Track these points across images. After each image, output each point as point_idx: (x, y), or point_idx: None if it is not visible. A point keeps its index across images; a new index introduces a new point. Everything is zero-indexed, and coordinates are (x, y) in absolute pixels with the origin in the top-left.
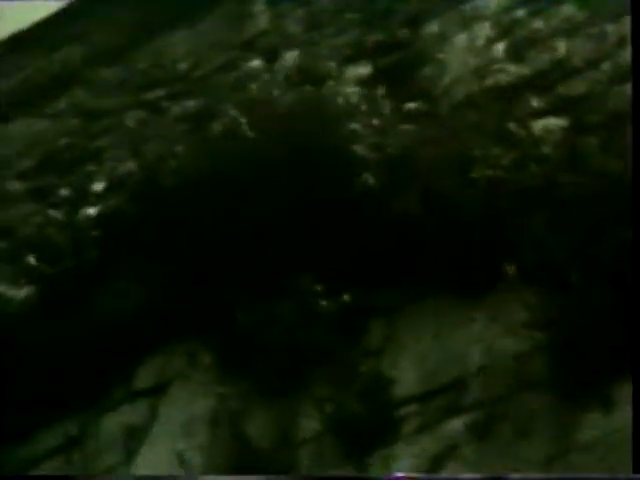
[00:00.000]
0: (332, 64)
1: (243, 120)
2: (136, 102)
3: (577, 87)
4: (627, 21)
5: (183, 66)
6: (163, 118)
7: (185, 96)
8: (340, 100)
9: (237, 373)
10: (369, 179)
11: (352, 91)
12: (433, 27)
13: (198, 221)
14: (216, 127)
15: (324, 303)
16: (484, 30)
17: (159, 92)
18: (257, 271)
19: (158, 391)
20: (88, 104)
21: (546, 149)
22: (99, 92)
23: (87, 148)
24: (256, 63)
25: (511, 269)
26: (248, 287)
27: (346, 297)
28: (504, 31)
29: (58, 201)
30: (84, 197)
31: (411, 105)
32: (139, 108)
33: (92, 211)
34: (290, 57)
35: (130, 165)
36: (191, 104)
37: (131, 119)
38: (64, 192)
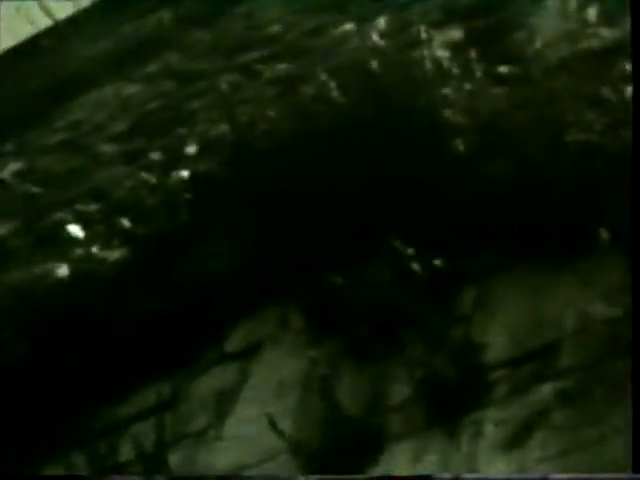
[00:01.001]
0: (423, 28)
1: (334, 84)
2: (229, 65)
3: None
4: None
5: (275, 29)
6: (255, 81)
7: (277, 59)
8: (431, 64)
9: (328, 336)
10: (460, 144)
11: (443, 55)
12: None
13: (289, 183)
14: (307, 90)
15: (416, 267)
16: None
17: (251, 55)
18: (349, 233)
19: (249, 354)
20: (180, 67)
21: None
22: (191, 55)
23: (179, 111)
24: (347, 27)
25: (604, 233)
26: (340, 249)
27: (437, 262)
28: None
29: (150, 164)
30: (176, 160)
31: (503, 69)
32: (232, 71)
33: (184, 174)
34: (381, 21)
35: (222, 128)
36: (283, 67)
37: (224, 82)
38: (156, 155)
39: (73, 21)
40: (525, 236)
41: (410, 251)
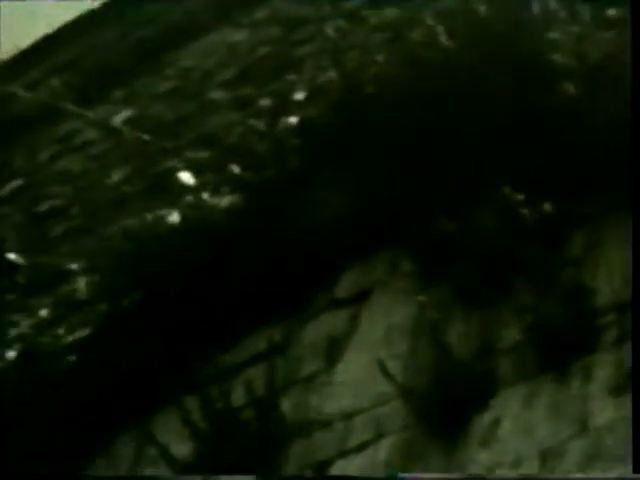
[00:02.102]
0: None
1: (441, 29)
2: (335, 11)
3: None
4: None
5: None
6: (362, 27)
7: (384, 5)
8: (538, 8)
9: (437, 281)
10: (570, 87)
11: None
12: None
13: (398, 129)
14: (415, 36)
15: (525, 212)
16: None
17: (358, 1)
18: (458, 178)
19: (359, 299)
20: (287, 13)
21: None
22: (298, 1)
23: (287, 57)
24: None
25: None
26: (449, 194)
27: (547, 206)
28: None
29: (259, 110)
30: (285, 106)
31: (611, 12)
32: (339, 17)
33: (293, 120)
34: None
35: (330, 74)
36: (390, 13)
37: (330, 28)
38: (265, 101)
39: None
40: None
41: (520, 196)
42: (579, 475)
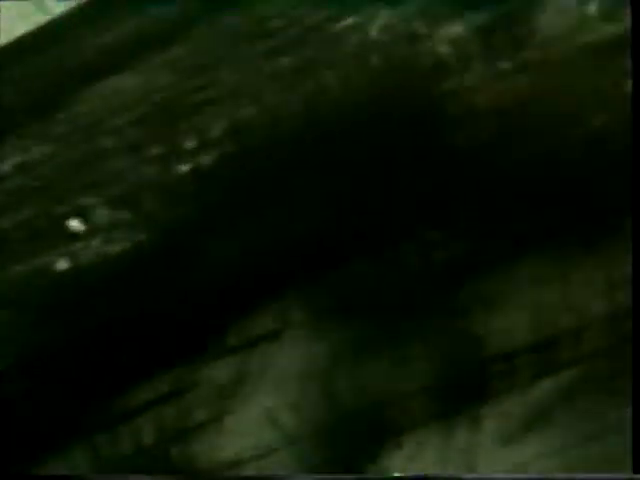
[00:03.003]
0: (424, 22)
1: (335, 79)
2: (231, 58)
3: None
4: None
5: (277, 24)
6: (257, 76)
7: (278, 54)
8: (432, 59)
9: (329, 329)
10: (461, 140)
11: (444, 50)
12: None
13: (290, 177)
14: (309, 85)
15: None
16: None
17: (253, 50)
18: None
19: (251, 347)
20: (183, 60)
21: None
22: (193, 48)
23: (181, 105)
24: (348, 22)
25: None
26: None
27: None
28: None
29: (152, 157)
30: (177, 154)
31: (504, 64)
32: (234, 65)
33: (185, 168)
34: (382, 16)
35: (222, 122)
36: (284, 62)
37: (226, 75)
38: (157, 149)
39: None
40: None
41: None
42: (579, 475)
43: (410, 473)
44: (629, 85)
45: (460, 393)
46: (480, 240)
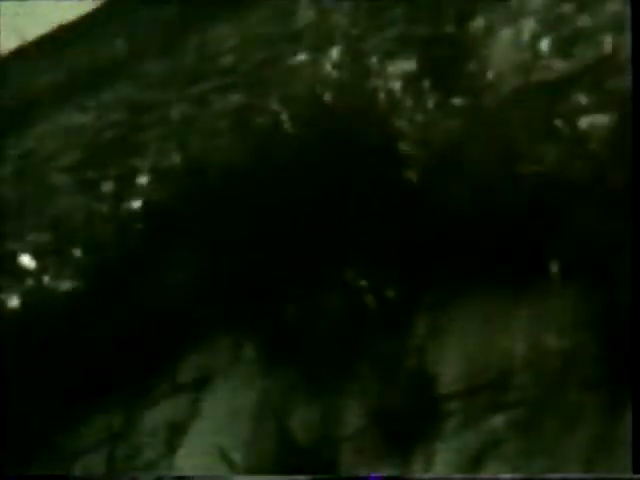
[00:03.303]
0: (377, 59)
1: (286, 115)
2: (181, 96)
3: (624, 83)
4: None
5: (228, 60)
6: (208, 112)
7: (230, 90)
8: (384, 96)
9: (281, 367)
10: (414, 175)
11: (396, 86)
12: (480, 22)
13: (242, 214)
14: (260, 121)
15: (369, 298)
16: (530, 25)
17: (204, 86)
18: (303, 264)
19: (201, 385)
20: (133, 97)
21: (592, 145)
22: (144, 85)
23: (132, 141)
24: (301, 58)
25: (557, 265)
26: (294, 280)
27: (390, 293)
28: (550, 26)
29: (103, 194)
30: (129, 190)
31: (456, 100)
32: (184, 101)
33: (136, 204)
34: (335, 52)
35: (174, 159)
36: (236, 98)
37: (176, 113)
38: (109, 185)
39: (25, 50)
40: (478, 267)
41: (363, 282)
42: (579, 475)
43: None
44: (582, 121)
45: (410, 429)
46: (415, 284)
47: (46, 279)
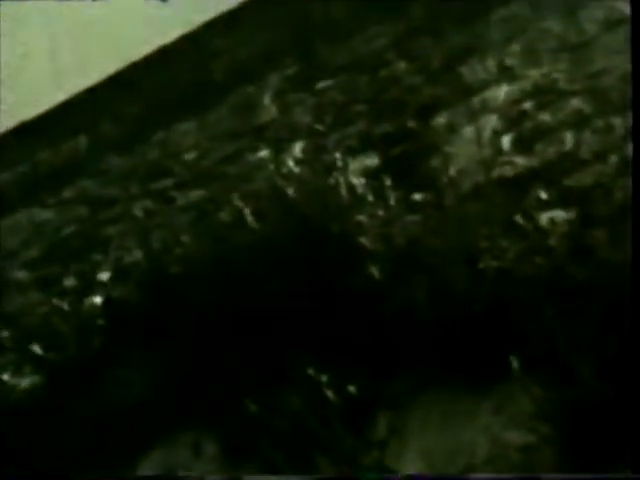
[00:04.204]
0: (339, 155)
1: (248, 210)
2: (143, 191)
3: (584, 179)
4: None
5: (190, 156)
6: (170, 207)
7: (192, 186)
8: (346, 191)
9: (242, 462)
10: (374, 270)
11: (358, 182)
12: (441, 119)
13: (204, 309)
14: (222, 217)
15: (329, 393)
16: (491, 122)
17: (166, 182)
18: (264, 358)
19: None
20: (94, 193)
21: (552, 241)
22: (106, 181)
23: (93, 237)
24: (263, 153)
25: (518, 360)
26: (255, 374)
27: (351, 388)
28: (511, 123)
29: (64, 290)
30: (90, 286)
31: (417, 196)
32: (146, 197)
33: (98, 300)
34: (297, 148)
35: (136, 254)
36: (197, 194)
37: (138, 208)
38: (70, 281)
39: None
40: (440, 362)
41: (324, 377)
42: (578, 475)
43: None
44: (542, 217)
45: None
46: (376, 379)
47: (6, 376)
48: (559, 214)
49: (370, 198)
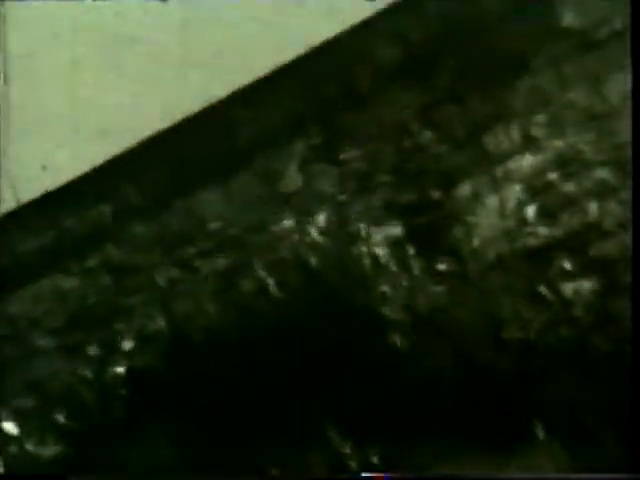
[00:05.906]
0: (363, 225)
1: (272, 280)
2: (167, 260)
3: (608, 249)
4: None
5: (215, 225)
6: (193, 276)
7: (215, 254)
8: (369, 261)
9: None
10: (398, 339)
11: (382, 252)
12: (465, 188)
13: (228, 378)
14: (246, 286)
15: (351, 462)
16: (515, 192)
17: (190, 250)
18: (285, 428)
19: None
20: (118, 261)
21: (577, 311)
22: (130, 249)
23: (116, 306)
24: (287, 223)
25: (541, 430)
26: (276, 444)
27: (374, 457)
28: (536, 193)
29: (87, 358)
30: (113, 355)
31: (441, 266)
32: (170, 266)
33: (121, 369)
34: (321, 217)
35: (159, 323)
36: (221, 262)
37: (162, 277)
38: (93, 350)
39: (13, 214)
40: (463, 431)
41: (346, 446)
42: (578, 475)
43: None
44: (566, 287)
45: None
46: (399, 447)
47: (29, 445)
48: (584, 284)
49: (393, 268)
